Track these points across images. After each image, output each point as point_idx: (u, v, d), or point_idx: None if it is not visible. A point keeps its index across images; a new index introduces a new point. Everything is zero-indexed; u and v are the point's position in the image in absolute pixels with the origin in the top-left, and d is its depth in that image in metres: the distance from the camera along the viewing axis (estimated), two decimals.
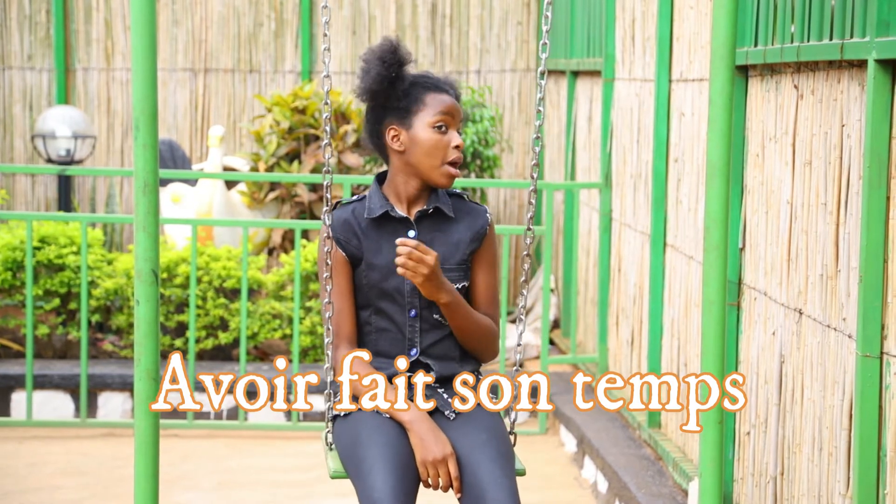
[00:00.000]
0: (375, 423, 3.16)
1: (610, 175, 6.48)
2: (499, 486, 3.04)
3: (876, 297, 3.21)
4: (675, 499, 4.80)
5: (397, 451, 3.09)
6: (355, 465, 3.10)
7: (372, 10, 8.94)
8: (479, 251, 3.32)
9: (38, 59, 8.87)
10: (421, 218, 3.29)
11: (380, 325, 3.29)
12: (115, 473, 5.65)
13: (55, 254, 6.62)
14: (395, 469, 3.04)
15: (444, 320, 3.28)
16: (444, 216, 3.31)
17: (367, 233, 3.27)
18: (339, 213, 3.30)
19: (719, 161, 2.93)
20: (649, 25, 5.72)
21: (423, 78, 3.30)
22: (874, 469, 3.25)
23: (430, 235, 3.29)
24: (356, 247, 3.27)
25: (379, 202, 3.28)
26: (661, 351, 5.43)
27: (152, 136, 2.88)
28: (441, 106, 3.25)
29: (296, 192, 7.63)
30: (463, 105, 3.80)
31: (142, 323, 2.90)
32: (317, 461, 5.88)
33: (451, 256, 3.29)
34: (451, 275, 3.28)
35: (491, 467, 3.07)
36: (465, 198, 3.37)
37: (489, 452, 3.10)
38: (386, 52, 3.25)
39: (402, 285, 3.25)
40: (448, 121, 3.25)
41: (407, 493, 3.04)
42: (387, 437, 3.11)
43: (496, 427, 3.20)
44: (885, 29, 3.18)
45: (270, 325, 6.75)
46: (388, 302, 3.27)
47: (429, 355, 3.28)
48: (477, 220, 3.33)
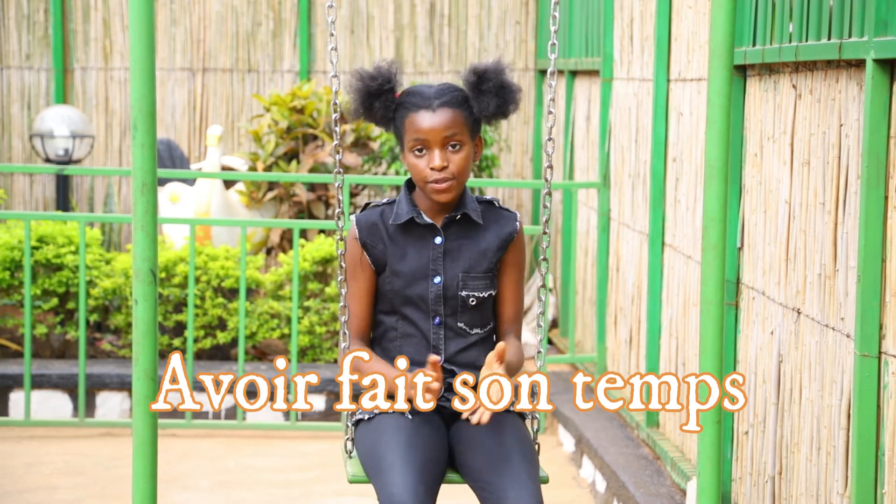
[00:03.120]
0: (398, 424, 3.14)
1: (608, 175, 6.48)
2: (522, 487, 3.02)
3: (874, 297, 3.21)
4: (673, 498, 4.80)
5: (418, 451, 3.07)
6: (375, 464, 3.08)
7: (370, 9, 8.94)
8: (506, 258, 3.28)
9: (36, 58, 8.87)
10: (448, 224, 3.25)
11: (405, 331, 3.26)
12: (113, 473, 5.64)
13: (53, 253, 6.62)
14: (415, 468, 3.02)
15: (469, 329, 3.26)
16: (472, 223, 3.25)
17: (393, 238, 3.23)
18: (368, 216, 3.25)
19: (717, 161, 2.93)
20: (647, 25, 5.72)
21: (406, 97, 3.21)
22: (872, 468, 3.25)
23: (458, 242, 3.25)
24: (381, 252, 3.23)
25: (406, 208, 3.23)
26: (660, 350, 5.43)
27: (150, 136, 2.87)
28: (415, 132, 3.16)
29: (294, 191, 7.63)
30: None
31: (140, 322, 2.90)
32: (315, 461, 5.88)
33: (477, 264, 3.24)
34: (478, 283, 3.24)
35: (515, 468, 3.06)
36: (495, 204, 3.31)
37: (513, 454, 3.09)
38: (362, 97, 3.21)
39: (426, 292, 3.22)
40: (424, 143, 3.16)
41: (427, 492, 3.02)
42: (408, 438, 3.09)
43: (521, 432, 3.19)
44: (883, 28, 3.18)
45: (269, 325, 6.75)
46: (413, 308, 3.24)
47: (454, 362, 3.25)
48: (506, 227, 3.28)
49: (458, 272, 3.23)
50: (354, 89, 3.23)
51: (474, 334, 3.27)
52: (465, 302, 3.24)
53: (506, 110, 3.22)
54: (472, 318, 3.27)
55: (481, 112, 3.20)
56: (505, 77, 3.21)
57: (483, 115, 3.21)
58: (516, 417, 3.26)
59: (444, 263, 3.23)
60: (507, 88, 3.20)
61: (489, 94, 3.19)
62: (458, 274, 3.23)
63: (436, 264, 3.23)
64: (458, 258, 3.24)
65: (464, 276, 3.24)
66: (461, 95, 3.21)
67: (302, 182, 7.53)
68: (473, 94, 3.20)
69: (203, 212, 7.36)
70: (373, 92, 3.21)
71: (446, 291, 3.23)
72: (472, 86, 3.20)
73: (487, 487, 3.07)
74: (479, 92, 3.20)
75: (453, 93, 3.20)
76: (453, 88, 3.22)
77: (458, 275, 3.23)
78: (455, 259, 3.24)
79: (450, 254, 3.24)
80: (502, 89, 3.20)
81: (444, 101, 3.18)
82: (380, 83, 3.21)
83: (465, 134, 3.18)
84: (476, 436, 3.15)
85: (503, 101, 3.20)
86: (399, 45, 8.96)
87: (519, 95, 3.23)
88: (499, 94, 3.19)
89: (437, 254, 3.23)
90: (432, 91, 3.20)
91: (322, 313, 6.72)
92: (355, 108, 3.24)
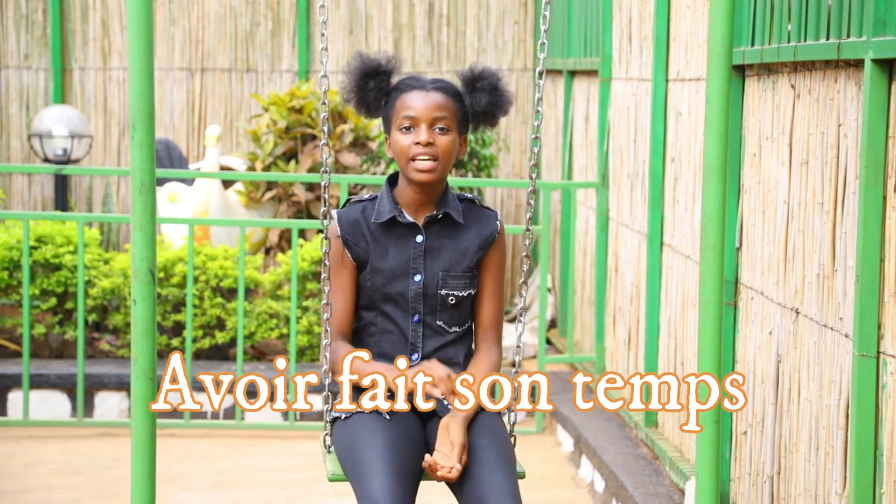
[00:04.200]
0: (375, 425, 3.14)
1: (607, 174, 6.48)
2: (501, 490, 3.01)
3: (872, 297, 3.21)
4: (671, 498, 4.80)
5: (397, 453, 3.07)
6: (354, 466, 3.07)
7: (369, 9, 8.93)
8: (487, 257, 3.30)
9: (34, 58, 8.86)
10: (429, 223, 3.27)
11: (384, 326, 3.28)
12: (112, 473, 5.64)
13: (52, 253, 6.62)
14: (394, 471, 3.02)
15: (447, 327, 3.28)
16: (453, 222, 3.28)
17: (375, 236, 3.25)
18: (350, 212, 3.28)
19: (716, 161, 2.93)
20: (646, 25, 5.72)
21: (400, 82, 3.27)
22: (870, 468, 3.25)
23: (439, 242, 3.27)
24: (363, 249, 3.25)
25: (388, 206, 3.25)
26: (658, 350, 5.43)
27: (149, 136, 2.87)
28: (404, 108, 3.21)
29: (293, 191, 7.63)
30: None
31: (138, 322, 2.90)
32: (313, 461, 5.88)
33: (458, 263, 3.26)
34: (458, 282, 3.26)
35: (492, 471, 3.05)
36: (476, 202, 3.33)
37: (490, 457, 3.08)
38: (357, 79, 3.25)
39: (407, 290, 3.24)
40: (412, 120, 3.20)
41: (406, 494, 3.01)
42: (386, 440, 3.09)
43: (497, 430, 3.18)
44: (881, 28, 3.18)
45: (267, 325, 6.75)
46: (392, 306, 3.26)
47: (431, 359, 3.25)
48: (487, 226, 3.30)
49: (439, 271, 3.26)
50: (352, 69, 3.27)
51: (452, 332, 3.29)
52: (445, 300, 3.27)
53: (495, 111, 3.29)
54: (451, 317, 3.29)
55: (472, 106, 3.26)
56: (500, 81, 3.29)
57: (473, 111, 3.26)
58: (492, 415, 3.24)
59: (424, 262, 3.26)
60: (500, 91, 3.28)
61: (482, 91, 3.26)
62: (439, 272, 3.26)
63: (416, 262, 3.26)
64: (438, 257, 3.26)
65: (444, 275, 3.26)
66: (455, 88, 3.29)
67: (300, 182, 7.53)
68: (467, 90, 3.27)
69: (202, 212, 7.36)
70: (369, 72, 3.26)
71: (426, 290, 3.25)
72: (467, 81, 3.28)
73: (465, 491, 3.06)
74: (472, 89, 3.27)
75: (447, 84, 3.28)
76: (448, 81, 3.30)
77: (439, 273, 3.26)
78: (435, 258, 3.26)
79: (430, 252, 3.26)
80: (495, 90, 3.27)
81: (438, 87, 3.25)
82: (378, 65, 3.27)
83: (453, 121, 3.23)
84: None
85: (494, 101, 3.27)
86: (398, 44, 8.96)
87: (510, 102, 3.30)
88: (491, 93, 3.27)
89: (417, 252, 3.26)
90: (427, 79, 3.28)
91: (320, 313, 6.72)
92: (349, 89, 3.27)
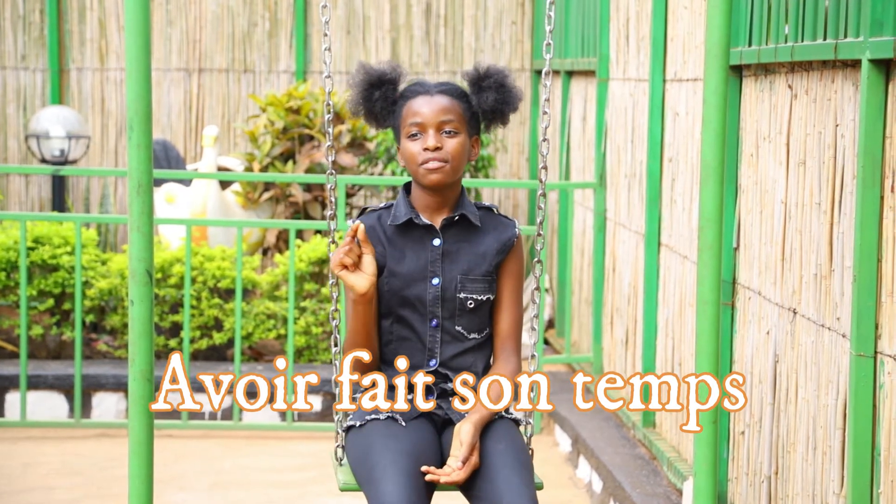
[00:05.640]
0: (390, 431, 3.11)
1: (604, 175, 6.48)
2: (517, 492, 2.98)
3: (870, 297, 3.22)
4: (669, 498, 4.80)
5: (412, 460, 3.03)
6: (367, 471, 3.04)
7: (367, 10, 8.93)
8: (505, 264, 3.26)
9: (31, 59, 8.86)
10: (447, 226, 3.24)
11: (401, 334, 3.23)
12: (110, 474, 5.64)
13: (49, 254, 6.61)
14: (408, 476, 2.98)
15: (466, 333, 3.23)
16: (470, 225, 3.25)
17: (391, 240, 3.22)
18: (366, 220, 3.24)
19: (713, 161, 2.93)
20: (643, 25, 5.72)
21: (405, 89, 3.25)
22: (868, 468, 3.25)
23: (457, 245, 3.23)
24: (380, 253, 3.21)
25: (404, 209, 3.22)
26: (656, 351, 5.43)
27: (146, 137, 2.87)
28: (411, 115, 3.18)
29: (290, 192, 7.63)
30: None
31: (136, 323, 2.90)
32: (311, 461, 5.88)
33: (476, 267, 3.22)
34: (477, 285, 3.22)
35: (509, 475, 3.01)
36: (494, 210, 3.30)
37: (507, 460, 3.05)
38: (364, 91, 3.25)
39: (424, 294, 3.20)
40: (419, 126, 3.17)
41: (420, 500, 2.98)
42: (401, 445, 3.06)
43: (514, 437, 3.16)
44: (878, 29, 3.18)
45: (265, 326, 6.75)
46: (410, 310, 3.22)
47: (448, 367, 3.23)
48: (505, 232, 3.27)
49: (457, 274, 3.22)
50: (357, 81, 3.26)
51: (471, 339, 3.25)
52: (464, 304, 3.22)
53: (504, 109, 3.24)
54: (471, 322, 3.24)
55: (479, 105, 3.22)
56: (507, 78, 3.25)
57: (481, 109, 3.23)
58: (510, 423, 3.22)
59: (442, 265, 3.22)
60: (507, 88, 3.24)
61: (489, 89, 3.22)
62: (457, 276, 3.22)
63: (434, 266, 3.22)
64: (456, 260, 3.22)
65: (462, 279, 3.22)
66: (461, 90, 3.25)
67: (298, 182, 7.53)
68: (473, 90, 3.24)
69: (199, 212, 7.35)
70: (375, 82, 3.24)
71: (444, 293, 3.21)
72: (473, 81, 3.25)
73: (481, 496, 3.03)
74: (479, 88, 3.24)
75: (453, 86, 3.25)
76: (453, 83, 3.27)
77: (457, 277, 3.21)
78: (454, 261, 3.22)
79: (448, 255, 3.23)
80: (502, 87, 3.23)
81: (443, 90, 3.21)
82: (381, 74, 3.25)
83: (461, 124, 3.19)
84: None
85: (502, 98, 3.22)
86: (395, 45, 8.96)
87: (518, 98, 3.26)
88: (498, 91, 3.23)
89: (435, 255, 3.22)
90: (432, 83, 3.25)
91: (318, 314, 6.72)
92: (356, 101, 3.26)
